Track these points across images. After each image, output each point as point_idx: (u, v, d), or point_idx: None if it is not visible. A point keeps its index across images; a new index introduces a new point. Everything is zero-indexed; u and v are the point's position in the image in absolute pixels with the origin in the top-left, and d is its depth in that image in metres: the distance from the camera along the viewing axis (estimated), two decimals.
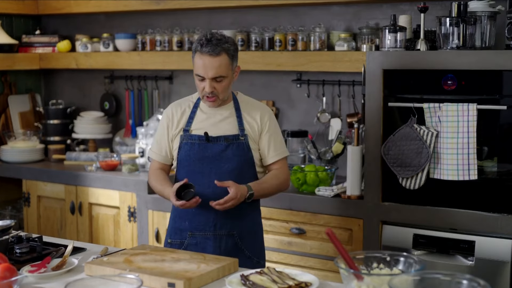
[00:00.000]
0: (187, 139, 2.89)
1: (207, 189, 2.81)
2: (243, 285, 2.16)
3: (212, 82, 2.80)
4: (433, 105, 3.15)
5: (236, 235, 2.87)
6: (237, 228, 2.88)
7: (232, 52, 2.84)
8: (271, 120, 2.95)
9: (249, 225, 2.93)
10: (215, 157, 2.85)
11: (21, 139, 4.79)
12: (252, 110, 2.94)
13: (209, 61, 2.78)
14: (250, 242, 2.91)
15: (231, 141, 2.86)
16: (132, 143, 4.74)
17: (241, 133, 2.88)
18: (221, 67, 2.80)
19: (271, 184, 2.90)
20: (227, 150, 2.85)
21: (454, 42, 3.18)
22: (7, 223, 2.53)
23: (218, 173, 2.83)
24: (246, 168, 2.88)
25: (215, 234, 2.85)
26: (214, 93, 2.82)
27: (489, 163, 3.16)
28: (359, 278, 1.99)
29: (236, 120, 2.90)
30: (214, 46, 2.78)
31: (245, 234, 2.90)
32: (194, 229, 2.87)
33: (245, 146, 2.88)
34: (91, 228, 4.35)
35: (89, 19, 5.06)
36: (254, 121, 2.91)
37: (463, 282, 1.85)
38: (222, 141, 2.86)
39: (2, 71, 5.00)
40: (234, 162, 2.85)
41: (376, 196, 3.36)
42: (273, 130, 2.94)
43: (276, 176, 2.93)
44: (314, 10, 4.16)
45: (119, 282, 2.10)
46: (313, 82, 4.18)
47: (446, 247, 3.19)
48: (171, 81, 4.78)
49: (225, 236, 2.86)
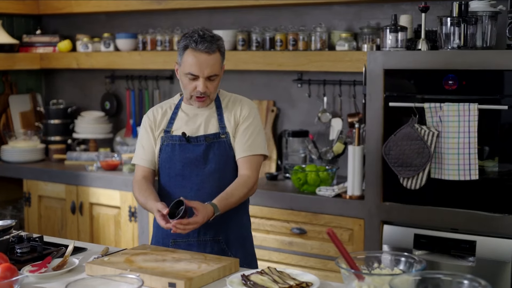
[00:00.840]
0: (168, 140, 2.75)
1: (189, 192, 2.69)
2: (244, 285, 2.15)
3: (206, 81, 2.67)
4: (434, 105, 3.15)
5: (222, 240, 2.73)
6: (222, 233, 2.73)
7: (223, 50, 2.73)
8: (251, 113, 2.77)
9: (236, 230, 2.78)
10: (197, 159, 2.71)
11: (22, 139, 4.79)
12: (233, 105, 2.79)
13: (205, 59, 2.65)
14: (238, 247, 2.76)
15: (212, 140, 2.72)
16: (132, 143, 4.74)
17: (221, 131, 2.74)
18: (216, 65, 2.68)
19: (238, 196, 2.66)
20: (209, 150, 2.71)
21: (455, 42, 3.18)
22: (7, 223, 2.53)
23: (200, 175, 2.70)
24: (228, 168, 2.74)
25: (199, 241, 2.72)
26: (206, 93, 2.69)
27: (490, 163, 3.16)
28: (360, 278, 1.99)
29: (217, 118, 2.76)
30: (210, 43, 2.65)
31: (232, 239, 2.75)
32: (176, 236, 2.71)
33: (226, 145, 2.73)
34: (92, 228, 4.35)
35: (90, 19, 5.06)
36: (233, 116, 2.76)
37: (464, 282, 1.85)
38: (203, 141, 2.72)
39: (3, 71, 5.00)
40: (216, 163, 2.71)
41: (377, 196, 3.36)
42: (249, 123, 2.75)
43: (243, 184, 2.69)
44: (315, 10, 4.16)
45: (120, 282, 2.10)
46: (314, 82, 4.18)
47: (447, 247, 3.19)
48: (172, 81, 4.78)
49: (210, 242, 2.72)
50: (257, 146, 2.75)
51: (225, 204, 2.62)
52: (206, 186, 2.71)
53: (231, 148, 2.74)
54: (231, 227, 2.76)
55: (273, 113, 4.32)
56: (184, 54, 2.69)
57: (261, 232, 3.69)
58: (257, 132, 2.77)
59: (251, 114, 2.78)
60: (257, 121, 2.79)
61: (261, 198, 3.64)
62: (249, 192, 2.72)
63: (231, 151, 2.74)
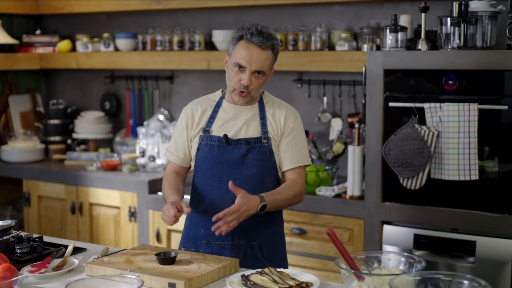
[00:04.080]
0: (206, 140, 2.67)
1: (225, 195, 2.59)
2: (244, 285, 2.15)
3: (252, 75, 2.59)
4: (434, 105, 3.15)
5: (256, 245, 2.65)
6: (257, 238, 2.65)
7: (277, 51, 2.66)
8: (296, 123, 2.71)
9: (270, 236, 2.70)
10: (235, 162, 2.63)
11: (22, 139, 4.79)
12: (277, 111, 2.70)
13: (257, 52, 2.58)
14: (270, 253, 2.68)
15: (253, 144, 2.64)
16: (132, 143, 4.74)
17: (264, 136, 2.66)
18: (266, 61, 2.60)
19: (286, 196, 2.61)
20: (248, 154, 2.63)
21: (455, 42, 3.18)
22: (7, 223, 2.53)
23: (237, 178, 2.61)
24: (267, 173, 2.66)
25: (232, 244, 2.64)
26: (248, 88, 2.60)
27: (490, 163, 3.16)
28: (360, 278, 1.99)
29: (259, 121, 2.68)
30: (265, 38, 2.58)
31: (265, 245, 2.67)
32: (209, 238, 2.64)
33: (267, 150, 2.65)
34: (92, 228, 4.35)
35: (89, 19, 5.06)
36: (277, 122, 2.68)
37: (464, 282, 1.85)
38: (243, 144, 2.64)
39: (3, 71, 5.00)
40: (255, 167, 2.63)
41: (377, 196, 3.36)
42: (295, 134, 2.69)
43: (291, 187, 2.64)
44: (315, 9, 4.16)
45: (119, 282, 2.10)
46: (314, 82, 4.18)
47: (447, 247, 3.19)
48: (172, 81, 4.77)
49: (244, 246, 2.64)
50: (304, 157, 2.71)
51: (273, 197, 2.56)
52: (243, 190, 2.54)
53: (272, 154, 2.67)
54: (266, 233, 2.69)
55: None
56: (237, 44, 2.62)
57: None
58: (303, 143, 2.73)
59: (297, 124, 2.73)
60: (302, 131, 2.75)
61: None
62: (295, 198, 2.66)
63: (272, 157, 2.67)
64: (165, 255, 2.36)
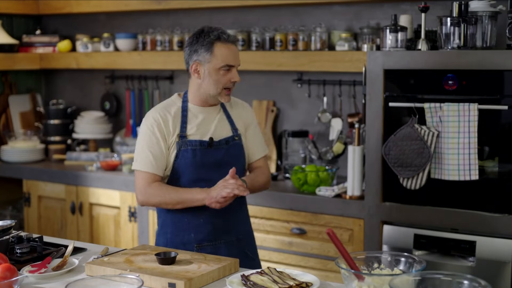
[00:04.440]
0: (185, 145, 2.69)
1: None
2: (244, 285, 2.15)
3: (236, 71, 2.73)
4: (434, 105, 3.15)
5: (243, 238, 2.81)
6: (243, 231, 2.83)
7: None
8: (252, 114, 2.91)
9: (249, 226, 2.90)
10: (218, 163, 2.72)
11: (22, 139, 4.79)
12: (236, 106, 2.86)
13: (235, 49, 2.72)
14: (250, 243, 2.87)
15: (230, 144, 2.77)
16: (132, 143, 4.74)
17: (235, 133, 2.79)
18: None
19: (260, 181, 2.85)
20: (227, 153, 2.75)
21: (455, 42, 3.18)
22: (7, 223, 2.53)
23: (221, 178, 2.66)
24: (241, 168, 2.82)
25: (226, 241, 2.75)
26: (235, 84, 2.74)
27: (490, 163, 3.16)
28: (360, 279, 1.99)
29: (227, 120, 2.80)
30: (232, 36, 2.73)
31: (248, 236, 2.87)
32: (202, 240, 2.72)
33: (240, 146, 2.81)
34: (92, 228, 4.35)
35: (89, 19, 5.06)
36: (240, 117, 2.83)
37: (464, 283, 1.85)
38: (224, 145, 2.75)
39: (3, 71, 5.00)
40: (234, 165, 2.70)
41: (377, 196, 3.36)
42: (255, 125, 2.89)
43: (264, 173, 2.87)
44: (315, 9, 4.16)
45: (119, 282, 2.10)
46: (314, 82, 4.18)
47: (447, 248, 3.19)
48: (172, 81, 4.78)
49: (235, 241, 2.78)
50: (265, 145, 2.94)
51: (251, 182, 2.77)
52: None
53: (242, 149, 2.83)
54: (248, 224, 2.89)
55: (273, 113, 4.32)
56: (214, 49, 2.66)
57: (261, 232, 3.69)
58: (261, 134, 2.94)
59: (253, 116, 2.92)
60: (256, 121, 2.94)
61: (261, 198, 3.64)
62: (267, 183, 2.89)
63: (243, 152, 2.83)
64: (165, 255, 2.37)
